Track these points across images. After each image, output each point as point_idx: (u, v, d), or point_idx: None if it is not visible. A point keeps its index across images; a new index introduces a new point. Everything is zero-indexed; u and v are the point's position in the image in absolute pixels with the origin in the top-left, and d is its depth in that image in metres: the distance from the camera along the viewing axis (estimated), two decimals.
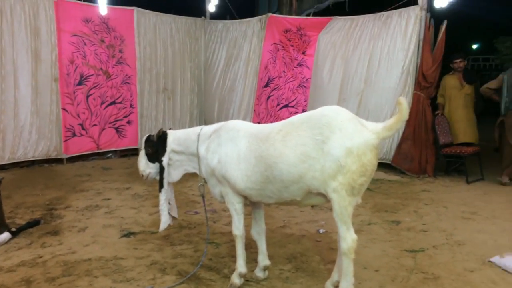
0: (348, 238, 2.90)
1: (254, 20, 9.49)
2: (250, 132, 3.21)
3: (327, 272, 3.58)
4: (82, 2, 8.31)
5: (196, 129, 3.54)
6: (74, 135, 8.21)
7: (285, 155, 2.92)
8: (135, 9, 8.90)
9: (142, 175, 3.67)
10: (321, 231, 4.59)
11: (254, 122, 8.79)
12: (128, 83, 8.85)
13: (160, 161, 3.53)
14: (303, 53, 8.59)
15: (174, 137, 3.56)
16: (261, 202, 3.31)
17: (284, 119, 8.62)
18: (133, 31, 8.88)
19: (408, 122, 7.33)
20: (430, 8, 7.55)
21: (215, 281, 3.45)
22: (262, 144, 3.05)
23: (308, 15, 10.87)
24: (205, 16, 10.22)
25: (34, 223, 4.62)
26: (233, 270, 3.57)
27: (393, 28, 7.69)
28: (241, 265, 3.34)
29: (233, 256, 3.84)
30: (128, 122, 8.96)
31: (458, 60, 7.28)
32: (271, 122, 8.58)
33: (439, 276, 3.50)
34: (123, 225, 4.73)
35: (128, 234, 4.44)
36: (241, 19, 9.78)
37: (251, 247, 3.86)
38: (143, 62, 9.10)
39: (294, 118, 3.11)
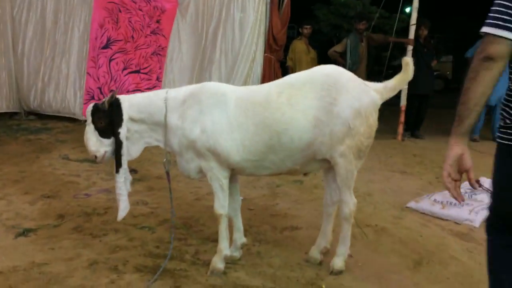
0: (350, 202, 2.84)
1: None
2: (239, 96, 2.79)
3: (290, 239, 3.47)
4: None
5: (160, 93, 2.90)
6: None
7: (296, 120, 2.64)
8: None
9: (96, 157, 2.85)
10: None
11: (92, 87, 7.69)
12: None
13: (117, 134, 2.78)
14: (157, 21, 7.81)
15: (131, 103, 2.85)
16: (252, 175, 2.95)
17: (135, 84, 7.85)
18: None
19: (262, 83, 7.52)
20: None
21: (187, 270, 2.96)
22: (263, 109, 2.68)
23: None
24: None
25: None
26: (194, 255, 3.17)
27: None
28: (225, 247, 2.94)
29: (180, 239, 3.40)
30: None
31: (308, 26, 7.72)
32: (116, 87, 7.69)
33: (384, 226, 3.74)
34: (3, 222, 3.62)
35: (24, 232, 3.42)
36: None
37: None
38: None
39: (290, 78, 2.82)
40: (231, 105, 2.74)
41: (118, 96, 2.86)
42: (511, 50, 1.65)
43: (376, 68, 9.62)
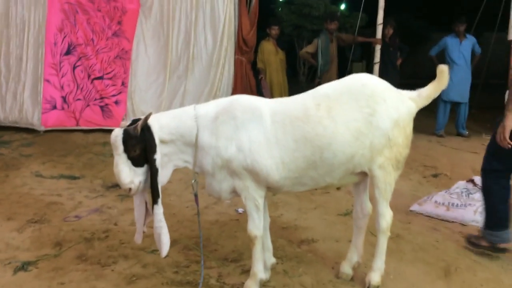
0: (387, 215, 2.77)
1: None
2: (274, 109, 2.63)
3: (311, 253, 3.35)
4: None
5: (188, 111, 2.66)
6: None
7: (340, 133, 2.53)
8: None
9: (130, 189, 2.54)
10: (240, 210, 4.21)
11: (54, 96, 7.16)
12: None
13: (153, 161, 2.51)
14: (119, 22, 7.36)
15: (161, 124, 2.58)
16: (288, 192, 2.79)
17: (100, 91, 7.49)
18: None
19: (235, 86, 7.40)
20: None
21: None
22: (302, 124, 2.54)
23: None
24: None
25: None
26: (219, 279, 3.01)
27: None
28: (260, 270, 2.77)
29: (198, 262, 3.18)
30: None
31: (275, 27, 7.61)
32: (83, 96, 7.22)
33: (398, 234, 3.70)
34: None
35: (23, 266, 3.06)
36: None
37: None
38: None
39: (325, 89, 2.69)
40: (267, 120, 2.57)
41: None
42: None
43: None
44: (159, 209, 2.55)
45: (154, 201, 2.54)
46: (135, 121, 2.55)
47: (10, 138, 6.80)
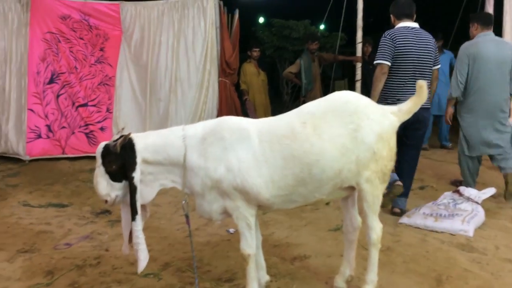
0: (377, 228, 2.83)
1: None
2: (260, 129, 2.68)
3: (304, 269, 3.38)
4: None
5: (176, 131, 2.71)
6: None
7: (327, 150, 2.59)
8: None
9: (106, 201, 2.61)
10: (231, 230, 4.22)
11: (39, 125, 7.14)
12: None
13: (131, 179, 2.56)
14: (101, 49, 7.43)
15: (146, 143, 2.64)
16: (278, 210, 2.83)
17: (85, 118, 7.48)
18: None
19: (220, 108, 7.46)
20: None
21: None
22: (290, 142, 2.60)
23: None
24: None
25: None
26: None
27: (192, 18, 7.46)
28: None
29: (192, 283, 3.19)
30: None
31: (257, 49, 7.76)
32: (68, 123, 7.23)
33: (389, 246, 3.73)
34: None
35: None
36: None
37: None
38: None
39: (309, 108, 2.76)
40: (255, 140, 2.63)
41: (131, 135, 2.65)
42: None
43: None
44: (136, 226, 2.60)
45: (132, 217, 2.60)
46: (121, 137, 2.62)
47: None
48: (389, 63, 4.21)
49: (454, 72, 5.05)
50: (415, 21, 4.42)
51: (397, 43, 4.21)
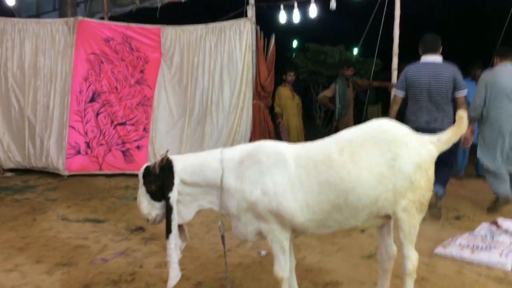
0: (413, 257, 2.80)
1: (58, 21, 7.92)
2: (297, 154, 2.73)
3: None
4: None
5: (215, 154, 2.79)
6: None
7: (363, 178, 2.60)
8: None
9: (148, 220, 2.72)
10: (262, 253, 4.24)
11: (78, 141, 7.42)
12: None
13: (168, 199, 2.64)
14: (141, 71, 7.72)
15: (185, 165, 2.73)
16: (313, 235, 2.85)
17: (122, 136, 7.72)
18: None
19: (254, 131, 7.54)
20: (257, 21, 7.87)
21: None
22: (326, 168, 2.63)
23: (101, 18, 9.77)
24: None
25: None
26: None
27: (229, 41, 7.66)
28: None
29: None
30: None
31: (291, 73, 7.86)
32: (106, 141, 7.46)
33: (424, 276, 3.68)
34: None
35: None
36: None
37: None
38: None
39: (347, 135, 2.79)
40: (291, 164, 2.67)
41: (171, 157, 2.74)
42: None
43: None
44: (169, 244, 2.71)
45: (166, 236, 2.70)
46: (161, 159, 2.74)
47: (35, 183, 7.00)
48: (400, 94, 5.14)
49: (474, 95, 5.60)
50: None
51: (409, 76, 5.05)
